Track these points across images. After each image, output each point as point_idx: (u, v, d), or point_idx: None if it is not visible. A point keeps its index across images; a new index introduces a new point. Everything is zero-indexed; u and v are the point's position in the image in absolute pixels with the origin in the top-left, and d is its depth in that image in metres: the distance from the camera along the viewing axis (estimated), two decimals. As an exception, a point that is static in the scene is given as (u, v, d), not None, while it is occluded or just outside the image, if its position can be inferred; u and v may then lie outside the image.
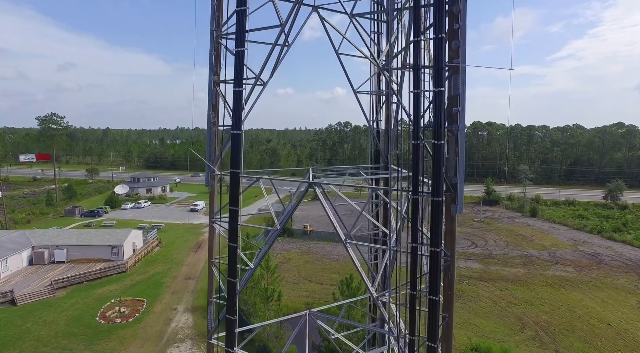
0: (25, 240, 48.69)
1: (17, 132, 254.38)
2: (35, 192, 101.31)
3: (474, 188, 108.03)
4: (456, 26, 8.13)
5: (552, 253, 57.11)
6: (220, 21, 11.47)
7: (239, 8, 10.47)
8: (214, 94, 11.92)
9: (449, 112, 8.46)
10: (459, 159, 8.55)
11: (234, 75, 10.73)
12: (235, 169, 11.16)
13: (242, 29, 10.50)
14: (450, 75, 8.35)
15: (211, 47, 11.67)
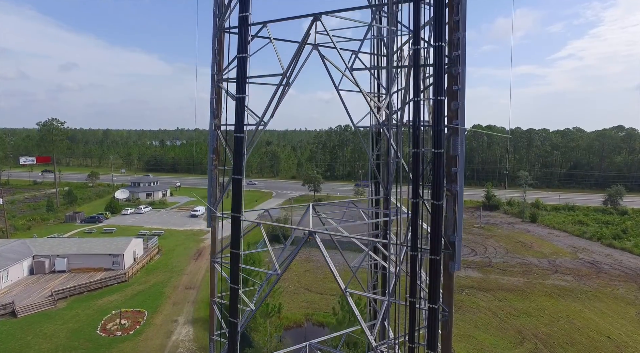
0: (25, 249, 48.80)
1: (17, 134, 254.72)
2: (35, 197, 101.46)
3: (474, 193, 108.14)
4: (455, 87, 8.21)
5: (552, 262, 57.20)
6: (221, 66, 11.57)
7: (240, 55, 10.57)
8: (215, 137, 12.01)
9: (448, 171, 8.55)
10: (457, 218, 8.64)
11: (235, 121, 10.84)
12: (236, 213, 11.25)
13: (243, 76, 10.60)
14: (449, 135, 8.43)
15: (212, 91, 11.75)
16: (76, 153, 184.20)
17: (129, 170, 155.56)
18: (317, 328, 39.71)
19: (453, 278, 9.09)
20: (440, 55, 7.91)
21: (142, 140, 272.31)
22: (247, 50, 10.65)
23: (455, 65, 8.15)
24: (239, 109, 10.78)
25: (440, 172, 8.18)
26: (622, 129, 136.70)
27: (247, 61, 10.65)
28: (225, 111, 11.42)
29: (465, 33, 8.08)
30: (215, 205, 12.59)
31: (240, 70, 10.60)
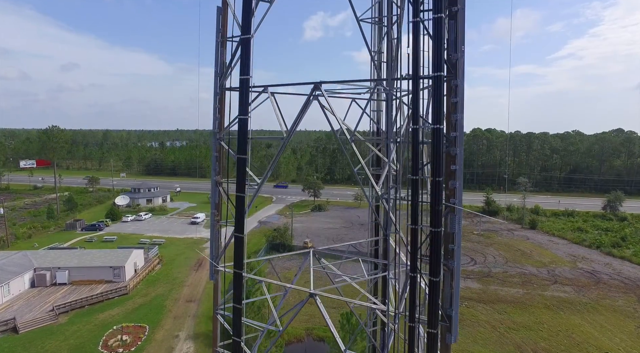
0: (27, 262, 48.98)
1: (18, 136, 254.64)
2: (36, 202, 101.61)
3: (474, 197, 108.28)
4: (453, 167, 8.36)
5: (551, 271, 57.40)
6: (222, 124, 11.70)
7: (241, 116, 10.71)
8: (217, 192, 12.15)
9: (445, 247, 8.70)
10: (454, 292, 8.79)
11: (237, 181, 10.96)
12: (238, 269, 11.40)
13: (244, 137, 10.73)
14: (446, 213, 8.58)
15: (214, 147, 11.88)
16: (76, 156, 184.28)
17: (129, 173, 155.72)
18: (318, 343, 39.94)
19: (450, 348, 9.24)
20: (439, 136, 8.05)
21: (142, 142, 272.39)
22: (248, 112, 10.79)
23: (453, 146, 8.30)
24: (240, 169, 10.93)
25: (438, 250, 8.34)
26: (622, 132, 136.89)
27: (248, 122, 10.79)
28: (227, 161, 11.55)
29: (463, 115, 8.23)
30: (217, 261, 12.73)
31: (241, 131, 10.75)
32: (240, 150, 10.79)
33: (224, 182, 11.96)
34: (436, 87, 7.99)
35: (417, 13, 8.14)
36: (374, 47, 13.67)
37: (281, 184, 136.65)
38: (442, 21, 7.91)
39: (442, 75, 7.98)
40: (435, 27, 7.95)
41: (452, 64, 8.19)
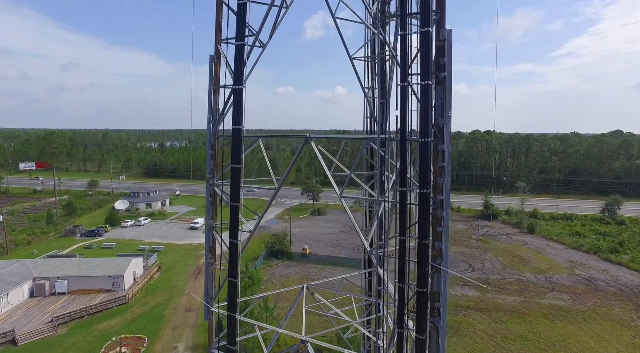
0: (26, 271, 49.16)
1: (17, 136, 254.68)
2: (35, 206, 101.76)
3: (473, 200, 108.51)
4: (440, 229, 8.50)
5: (549, 278, 57.62)
6: (215, 171, 11.82)
7: (234, 165, 10.84)
8: (211, 236, 12.25)
9: (431, 305, 8.84)
10: (440, 349, 8.93)
11: (230, 227, 11.08)
12: (232, 312, 11.56)
13: (237, 185, 10.87)
14: (433, 273, 8.73)
15: (207, 192, 12.02)
16: (76, 157, 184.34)
17: (128, 176, 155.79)
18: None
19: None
20: (426, 200, 8.19)
21: (142, 143, 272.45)
22: (242, 161, 10.93)
23: (439, 209, 8.44)
24: (233, 215, 11.06)
25: (425, 309, 8.49)
26: (620, 133, 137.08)
27: (241, 171, 10.93)
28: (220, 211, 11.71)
29: (450, 179, 8.36)
30: (211, 302, 12.88)
31: (234, 179, 10.89)
32: (233, 197, 10.93)
33: (217, 226, 12.11)
34: (423, 152, 8.13)
35: (404, 78, 8.27)
36: (367, 84, 13.81)
37: None
38: (429, 88, 8.05)
39: (429, 140, 8.11)
40: (423, 93, 8.08)
41: (439, 128, 8.33)
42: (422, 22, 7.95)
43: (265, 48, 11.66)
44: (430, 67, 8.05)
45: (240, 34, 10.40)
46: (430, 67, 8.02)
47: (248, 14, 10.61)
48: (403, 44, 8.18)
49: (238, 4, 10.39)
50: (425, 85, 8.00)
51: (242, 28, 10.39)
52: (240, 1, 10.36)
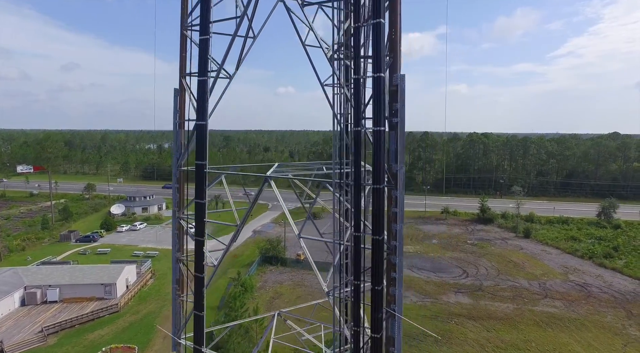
0: (17, 280, 49.07)
1: (15, 139, 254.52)
2: (31, 211, 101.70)
3: (469, 204, 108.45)
4: (393, 275, 8.42)
5: (542, 284, 57.54)
6: (182, 204, 11.74)
7: (198, 200, 10.77)
8: (178, 269, 12.20)
9: (386, 350, 8.77)
10: (399, 394, 8.84)
11: (195, 262, 11.01)
12: (198, 346, 11.49)
13: (201, 220, 10.79)
14: (387, 317, 8.65)
15: (173, 225, 11.95)
16: (73, 160, 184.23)
17: (126, 178, 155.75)
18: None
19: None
20: (380, 246, 8.11)
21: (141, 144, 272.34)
22: (205, 197, 10.86)
23: (393, 254, 8.36)
24: (198, 250, 11.00)
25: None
26: (618, 135, 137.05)
27: (205, 207, 10.86)
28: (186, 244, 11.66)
29: (402, 225, 8.29)
30: (179, 334, 12.80)
31: (198, 214, 10.82)
32: (197, 232, 10.86)
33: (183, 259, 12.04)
34: (376, 198, 8.05)
35: (358, 122, 8.19)
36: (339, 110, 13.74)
37: (168, 185, 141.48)
38: (382, 134, 7.97)
39: (383, 186, 8.04)
40: (375, 139, 8.01)
41: (393, 174, 8.25)
42: (374, 67, 7.87)
43: (232, 79, 11.59)
44: (383, 113, 7.97)
45: (203, 69, 10.33)
46: (382, 113, 7.94)
47: (211, 48, 10.54)
48: (356, 88, 8.10)
49: (200, 39, 10.31)
50: (377, 131, 7.92)
51: (205, 63, 10.32)
52: (202, 36, 10.28)
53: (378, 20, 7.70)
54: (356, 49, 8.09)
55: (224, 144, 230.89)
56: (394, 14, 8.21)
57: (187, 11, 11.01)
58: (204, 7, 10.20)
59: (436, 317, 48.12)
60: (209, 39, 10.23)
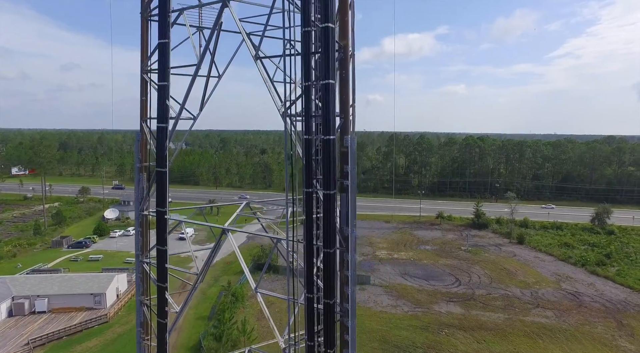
0: (5, 290, 48.71)
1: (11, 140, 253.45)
2: (24, 215, 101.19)
3: (464, 208, 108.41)
4: (347, 337, 8.23)
5: (534, 293, 57.47)
6: (145, 247, 11.56)
7: (159, 247, 10.57)
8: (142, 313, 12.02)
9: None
10: None
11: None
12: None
13: (162, 267, 10.59)
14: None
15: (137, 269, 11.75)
16: (69, 162, 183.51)
17: (121, 181, 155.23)
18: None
19: None
20: (330, 310, 7.93)
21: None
22: (166, 242, 10.65)
23: (346, 317, 8.18)
24: (160, 296, 10.79)
25: None
26: (613, 139, 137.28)
27: (166, 253, 10.64)
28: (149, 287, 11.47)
29: (355, 288, 8.11)
30: None
31: (159, 260, 10.61)
32: (159, 278, 10.65)
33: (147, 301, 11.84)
34: (327, 262, 7.87)
35: (309, 184, 8.00)
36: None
37: (118, 186, 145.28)
38: (332, 197, 7.78)
39: (334, 250, 7.85)
40: (326, 202, 7.82)
41: (345, 237, 8.07)
42: (324, 129, 7.69)
43: (196, 119, 11.38)
44: (333, 175, 7.79)
45: (162, 116, 10.12)
46: (332, 176, 7.76)
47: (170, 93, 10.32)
48: (307, 149, 7.92)
49: (159, 85, 10.10)
50: (327, 194, 7.73)
51: (164, 110, 10.11)
52: (161, 82, 10.07)
53: (327, 82, 7.52)
54: (307, 108, 7.90)
55: (220, 146, 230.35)
56: (345, 72, 8.02)
57: (147, 54, 10.80)
58: (162, 53, 9.99)
59: (427, 327, 48.00)
60: (167, 85, 10.02)
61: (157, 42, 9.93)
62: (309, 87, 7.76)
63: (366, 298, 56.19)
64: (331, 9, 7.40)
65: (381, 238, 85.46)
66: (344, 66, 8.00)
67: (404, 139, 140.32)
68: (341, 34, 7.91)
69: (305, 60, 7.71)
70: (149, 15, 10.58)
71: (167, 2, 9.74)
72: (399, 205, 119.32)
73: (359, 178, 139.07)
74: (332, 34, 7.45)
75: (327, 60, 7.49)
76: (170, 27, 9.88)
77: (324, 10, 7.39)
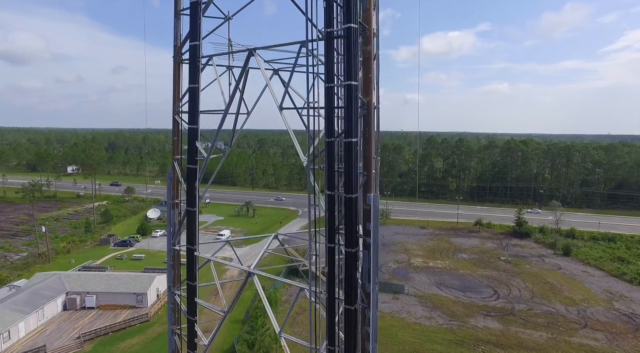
0: (60, 285, 52.62)
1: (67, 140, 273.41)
2: (77, 212, 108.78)
3: (505, 215, 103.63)
4: None
5: (582, 311, 53.85)
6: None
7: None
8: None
9: None
10: None
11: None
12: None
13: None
14: None
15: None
16: (116, 161, 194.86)
17: (164, 180, 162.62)
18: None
19: None
20: None
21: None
22: (196, 279, 10.97)
23: None
24: (190, 329, 11.16)
25: None
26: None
27: (196, 289, 10.97)
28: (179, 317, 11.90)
29: (377, 344, 7.93)
30: None
31: (190, 295, 10.97)
32: (189, 311, 11.01)
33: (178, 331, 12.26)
34: (349, 318, 7.76)
35: (332, 239, 7.93)
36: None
37: (115, 183, 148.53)
38: (354, 256, 7.67)
39: (355, 308, 7.73)
40: (348, 260, 7.71)
41: (367, 294, 7.91)
42: (346, 188, 7.58)
43: (226, 155, 11.65)
44: (355, 232, 7.66)
45: (192, 157, 10.45)
46: (354, 233, 7.63)
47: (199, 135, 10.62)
48: (330, 204, 7.84)
49: (189, 128, 10.43)
50: (349, 252, 7.62)
51: (194, 152, 10.43)
52: (191, 125, 10.38)
53: (349, 140, 7.40)
54: (330, 164, 7.83)
55: (258, 146, 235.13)
56: (369, 129, 7.86)
57: (178, 96, 11.18)
58: (192, 96, 10.29)
59: (462, 342, 46.41)
60: (197, 128, 10.32)
61: (188, 87, 10.25)
62: (332, 143, 7.68)
63: (400, 308, 55.29)
64: (354, 66, 7.27)
65: (416, 245, 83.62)
66: (367, 122, 7.85)
67: (441, 142, 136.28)
68: (365, 90, 7.76)
69: (329, 115, 7.63)
70: (181, 59, 10.98)
71: (198, 48, 10.03)
72: (435, 210, 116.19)
73: (395, 181, 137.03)
74: (355, 90, 7.32)
75: (349, 117, 7.37)
76: (200, 72, 10.17)
77: (347, 68, 7.28)
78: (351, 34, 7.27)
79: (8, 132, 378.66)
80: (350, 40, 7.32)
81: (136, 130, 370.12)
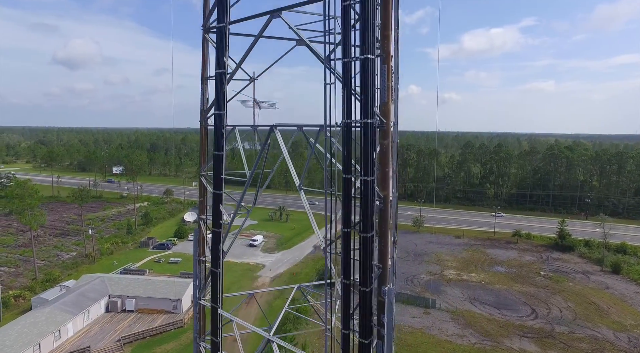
0: (103, 288, 55.97)
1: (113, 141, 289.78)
2: (120, 213, 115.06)
3: (546, 225, 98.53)
4: None
5: (634, 339, 50.12)
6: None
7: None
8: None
9: None
10: None
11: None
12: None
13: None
14: None
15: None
16: (157, 162, 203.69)
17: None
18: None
19: None
20: None
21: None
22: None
23: None
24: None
25: None
26: None
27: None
28: None
29: None
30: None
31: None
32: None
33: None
34: None
35: (347, 326, 7.92)
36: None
37: (110, 180, 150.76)
38: (369, 346, 7.62)
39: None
40: (362, 350, 7.68)
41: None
42: (362, 280, 7.54)
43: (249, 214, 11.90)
44: (369, 325, 7.61)
45: (217, 221, 10.80)
46: (368, 325, 7.59)
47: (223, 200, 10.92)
48: (345, 295, 7.83)
49: (213, 193, 10.76)
50: (362, 343, 7.59)
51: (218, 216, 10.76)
52: (215, 190, 10.70)
53: (365, 235, 7.35)
54: (346, 253, 7.82)
55: (292, 149, 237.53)
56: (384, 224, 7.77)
57: (204, 159, 11.60)
58: (217, 163, 10.63)
59: (496, 366, 44.68)
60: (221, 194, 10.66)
61: (213, 153, 10.59)
62: (348, 233, 7.66)
63: (430, 324, 54.04)
64: (371, 162, 7.21)
65: (450, 256, 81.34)
66: (383, 217, 7.75)
67: (479, 147, 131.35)
68: (382, 185, 7.68)
69: (345, 204, 7.63)
70: (207, 124, 11.37)
71: (222, 118, 10.33)
72: (471, 218, 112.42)
73: (429, 187, 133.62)
74: (372, 185, 7.27)
75: (365, 211, 7.33)
76: (224, 140, 10.49)
77: (363, 165, 7.24)
78: (368, 128, 7.23)
79: (63, 133, 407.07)
80: (368, 133, 7.28)
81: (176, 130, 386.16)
